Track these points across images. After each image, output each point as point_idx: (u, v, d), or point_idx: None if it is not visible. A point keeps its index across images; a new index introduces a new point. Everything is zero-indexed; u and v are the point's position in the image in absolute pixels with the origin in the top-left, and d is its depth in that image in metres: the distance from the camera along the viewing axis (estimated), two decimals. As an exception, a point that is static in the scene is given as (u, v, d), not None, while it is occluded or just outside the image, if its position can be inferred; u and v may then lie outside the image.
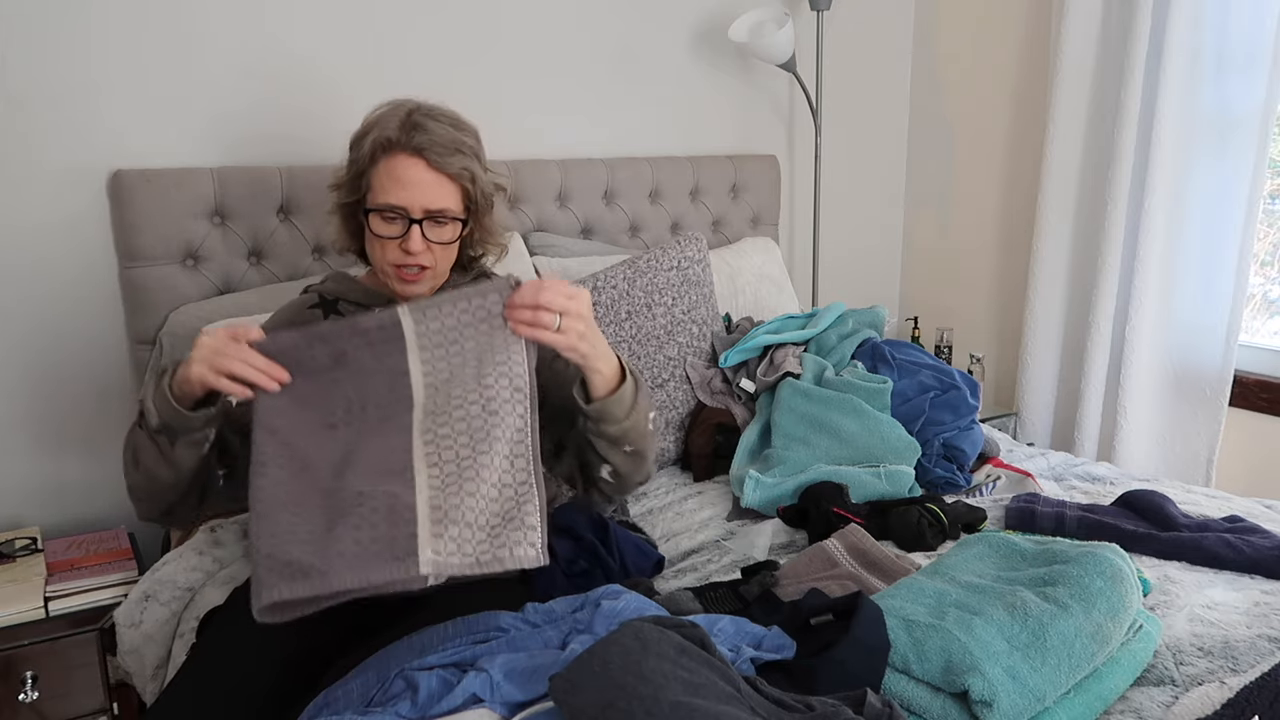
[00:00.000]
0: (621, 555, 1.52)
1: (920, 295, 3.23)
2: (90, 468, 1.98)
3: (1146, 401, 2.52)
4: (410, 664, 1.06)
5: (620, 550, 1.52)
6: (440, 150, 1.39)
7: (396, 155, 1.39)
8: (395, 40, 2.18)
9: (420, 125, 1.40)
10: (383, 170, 1.39)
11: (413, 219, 1.39)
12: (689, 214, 2.63)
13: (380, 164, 1.40)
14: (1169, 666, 1.23)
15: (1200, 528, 1.62)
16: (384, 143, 1.39)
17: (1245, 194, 2.31)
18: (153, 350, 1.92)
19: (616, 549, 1.51)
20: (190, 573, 1.64)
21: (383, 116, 1.42)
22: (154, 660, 1.60)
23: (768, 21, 2.56)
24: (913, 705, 1.11)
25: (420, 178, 1.39)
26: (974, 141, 2.99)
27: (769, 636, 1.13)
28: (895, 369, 2.04)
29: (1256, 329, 2.53)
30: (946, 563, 1.34)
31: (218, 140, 2.01)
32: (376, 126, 1.41)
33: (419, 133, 1.39)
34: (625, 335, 2.03)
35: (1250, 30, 2.25)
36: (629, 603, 1.15)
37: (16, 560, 1.78)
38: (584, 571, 1.47)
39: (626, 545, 1.54)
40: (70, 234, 1.89)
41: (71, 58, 1.85)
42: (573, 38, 2.44)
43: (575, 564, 1.48)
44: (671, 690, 0.89)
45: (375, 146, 1.39)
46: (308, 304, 1.51)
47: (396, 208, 1.39)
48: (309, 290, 1.55)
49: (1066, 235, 2.64)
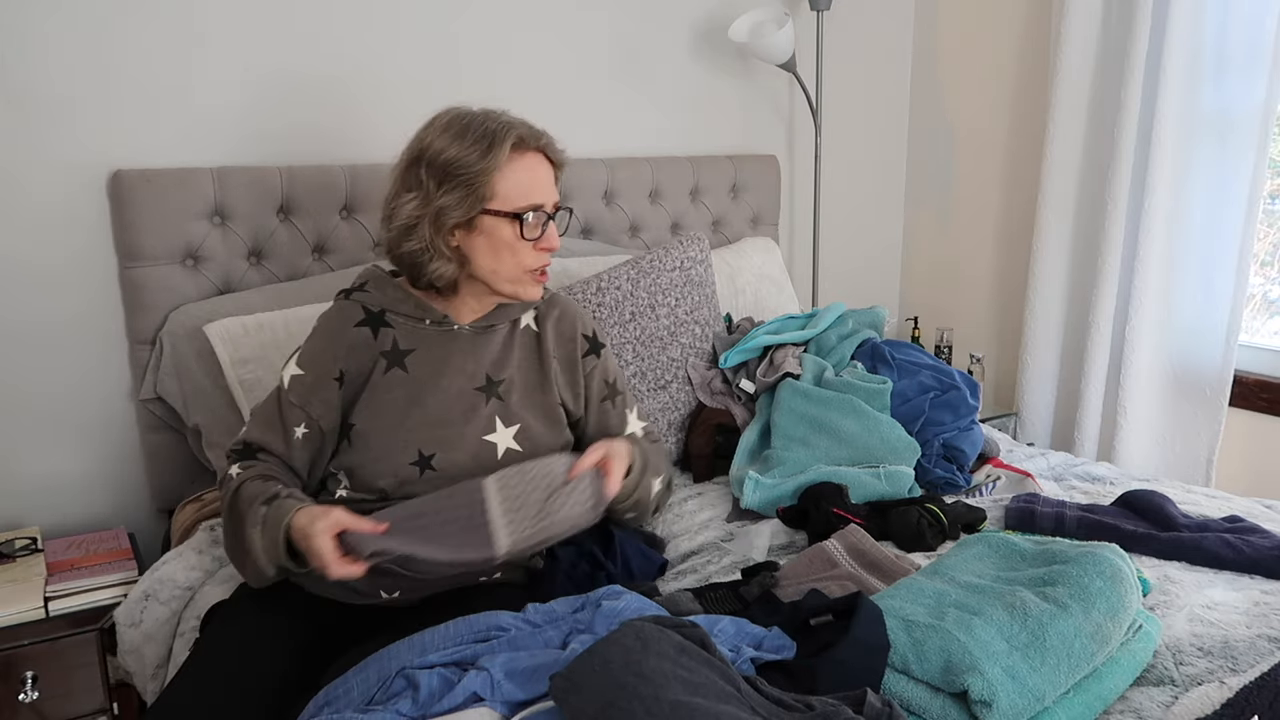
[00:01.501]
0: (626, 560, 1.51)
1: (920, 295, 3.23)
2: (90, 468, 1.98)
3: (1146, 401, 2.52)
4: (411, 663, 1.07)
5: (624, 555, 1.52)
6: (555, 144, 1.44)
7: (528, 154, 1.40)
8: (395, 40, 2.18)
9: (526, 121, 1.41)
10: (520, 170, 1.38)
11: (549, 215, 1.42)
12: (689, 214, 2.63)
13: (515, 164, 1.38)
14: (1169, 666, 1.23)
15: (1200, 528, 1.62)
16: (518, 142, 1.38)
17: (1245, 194, 2.31)
18: (152, 350, 1.92)
19: (619, 554, 1.51)
20: (190, 571, 1.64)
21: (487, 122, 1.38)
22: (154, 660, 1.60)
23: (768, 21, 2.56)
24: (912, 705, 1.11)
25: (548, 174, 1.43)
26: (974, 141, 2.99)
27: (769, 637, 1.13)
28: (895, 369, 2.04)
29: (1256, 329, 2.53)
30: (946, 563, 1.34)
31: (218, 140, 2.01)
32: (498, 132, 1.37)
33: (531, 129, 1.40)
34: (629, 337, 2.03)
35: (1250, 30, 2.25)
36: (629, 603, 1.15)
37: (16, 560, 1.78)
38: (586, 575, 1.47)
39: (630, 550, 1.53)
40: (70, 234, 1.89)
41: (71, 58, 1.85)
42: (573, 38, 2.44)
43: (577, 568, 1.48)
44: (671, 690, 0.89)
45: (507, 149, 1.36)
46: (353, 320, 1.45)
47: (539, 206, 1.40)
48: (350, 297, 1.47)
49: (1066, 235, 2.64)
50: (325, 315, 1.47)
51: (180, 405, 1.91)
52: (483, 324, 1.48)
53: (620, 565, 1.50)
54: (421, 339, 1.45)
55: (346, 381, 1.43)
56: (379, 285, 1.47)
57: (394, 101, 2.19)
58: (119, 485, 2.01)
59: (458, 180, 1.36)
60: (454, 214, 1.37)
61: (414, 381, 1.43)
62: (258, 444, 1.41)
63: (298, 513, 1.25)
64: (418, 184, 1.39)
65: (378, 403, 1.42)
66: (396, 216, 1.40)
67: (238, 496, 1.34)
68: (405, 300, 1.45)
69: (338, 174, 2.08)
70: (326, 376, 1.42)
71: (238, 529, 1.32)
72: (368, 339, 1.43)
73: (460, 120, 1.39)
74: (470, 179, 1.36)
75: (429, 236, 1.38)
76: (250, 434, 1.42)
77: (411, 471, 1.39)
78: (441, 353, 1.45)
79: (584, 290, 2.02)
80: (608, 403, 1.56)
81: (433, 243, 1.38)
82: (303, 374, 1.42)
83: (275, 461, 1.40)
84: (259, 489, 1.33)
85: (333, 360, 1.42)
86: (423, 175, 1.38)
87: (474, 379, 1.45)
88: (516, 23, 2.35)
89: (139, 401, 1.96)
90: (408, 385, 1.42)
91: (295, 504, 1.28)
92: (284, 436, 1.40)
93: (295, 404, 1.41)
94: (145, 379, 1.92)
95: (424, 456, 1.40)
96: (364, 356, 1.43)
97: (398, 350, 1.44)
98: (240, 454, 1.41)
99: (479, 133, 1.37)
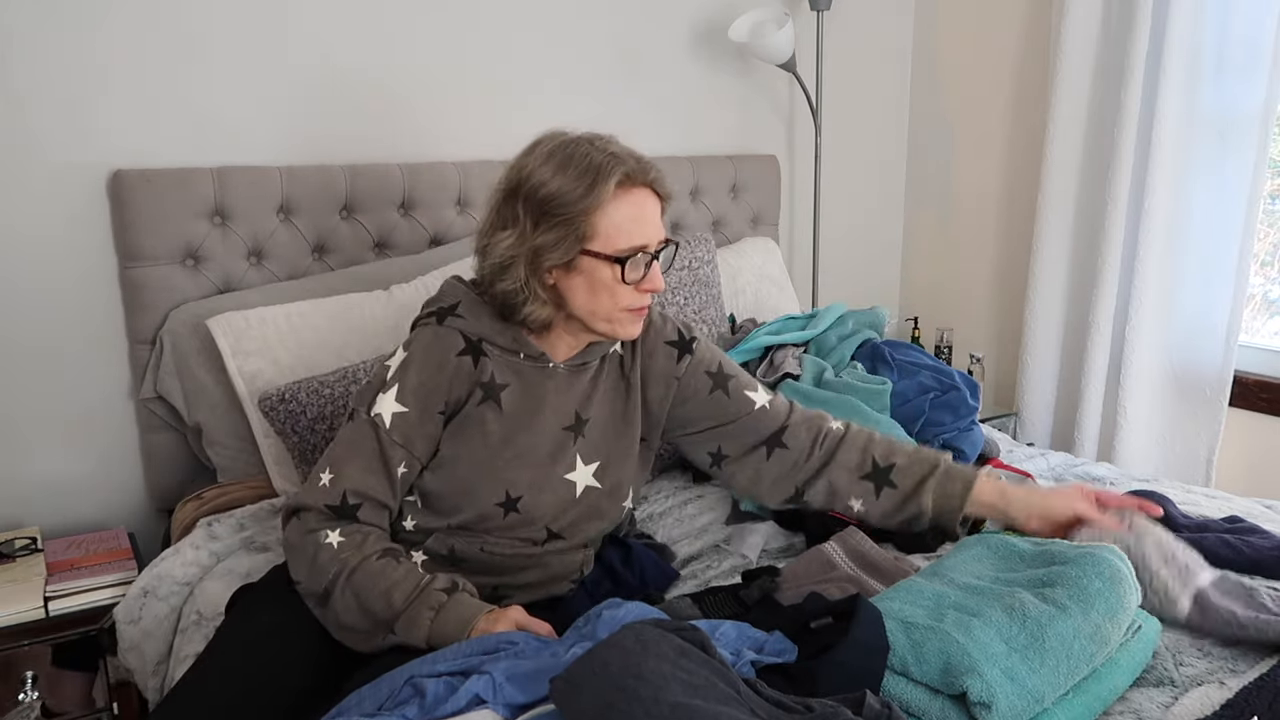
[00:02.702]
0: (643, 571, 1.51)
1: (920, 295, 3.23)
2: (90, 467, 1.98)
3: (1146, 401, 2.52)
4: (420, 671, 1.07)
5: (642, 567, 1.52)
6: (663, 177, 1.33)
7: (635, 190, 1.30)
8: (395, 40, 2.18)
9: (633, 153, 1.31)
10: (624, 209, 1.28)
11: (652, 254, 1.31)
12: (689, 214, 2.63)
13: (619, 202, 1.28)
14: (1168, 667, 1.23)
15: (1200, 528, 1.62)
16: (623, 179, 1.27)
17: (1245, 194, 2.30)
18: (152, 350, 1.92)
19: (637, 567, 1.51)
20: (188, 567, 1.64)
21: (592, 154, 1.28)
22: (154, 656, 1.60)
23: (768, 21, 2.56)
24: (911, 707, 1.11)
25: (655, 210, 1.33)
26: (974, 141, 2.99)
27: (771, 641, 1.13)
28: (895, 370, 2.04)
29: (1256, 329, 2.53)
30: (945, 564, 1.34)
31: (218, 140, 2.01)
32: (604, 165, 1.26)
33: (640, 162, 1.30)
34: (632, 335, 2.03)
35: (1250, 30, 2.25)
36: (630, 611, 1.15)
37: (16, 560, 1.78)
38: (609, 593, 1.45)
39: (646, 562, 1.53)
40: (70, 234, 1.89)
41: (71, 58, 1.85)
42: (573, 38, 2.44)
43: (600, 585, 1.47)
44: (671, 691, 0.89)
45: (612, 186, 1.26)
46: (455, 348, 1.34)
47: (643, 248, 1.29)
48: (444, 322, 1.35)
49: (1066, 235, 2.64)
50: (423, 344, 1.35)
51: (181, 404, 1.91)
52: (576, 361, 1.41)
53: (638, 578, 1.50)
54: (516, 374, 1.37)
55: (449, 413, 1.35)
56: (473, 312, 1.37)
57: (395, 101, 2.19)
58: (119, 485, 2.01)
59: (557, 219, 1.27)
60: (552, 255, 1.28)
61: (508, 419, 1.36)
62: (359, 494, 1.29)
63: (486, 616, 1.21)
64: (514, 219, 1.30)
65: (470, 435, 1.34)
66: (491, 253, 1.31)
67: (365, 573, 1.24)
68: (502, 333, 1.36)
69: (338, 174, 2.08)
70: (432, 410, 1.33)
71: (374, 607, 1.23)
72: (469, 368, 1.34)
73: (564, 149, 1.29)
74: (571, 218, 1.26)
75: (524, 277, 1.29)
76: (349, 481, 1.29)
77: (496, 512, 1.34)
78: (537, 391, 1.38)
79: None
80: (719, 392, 1.48)
81: (528, 284, 1.30)
82: (407, 411, 1.31)
83: (378, 516, 1.32)
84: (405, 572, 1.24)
85: (438, 393, 1.33)
86: (520, 210, 1.29)
87: (565, 418, 1.39)
88: (518, 24, 2.34)
89: (139, 401, 1.96)
90: (502, 422, 1.35)
91: (478, 604, 1.24)
92: (389, 481, 1.31)
93: (399, 443, 1.31)
94: (145, 378, 1.92)
95: (511, 499, 1.35)
96: (464, 386, 1.35)
97: (494, 384, 1.35)
98: (339, 512, 1.28)
99: (583, 166, 1.27)
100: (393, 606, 1.22)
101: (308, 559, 1.26)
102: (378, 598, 1.22)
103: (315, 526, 1.28)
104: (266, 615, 1.31)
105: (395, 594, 1.22)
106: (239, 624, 1.32)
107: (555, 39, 2.41)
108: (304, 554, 1.27)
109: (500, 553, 1.37)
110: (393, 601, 1.22)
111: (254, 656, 1.25)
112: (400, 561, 1.28)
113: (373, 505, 1.31)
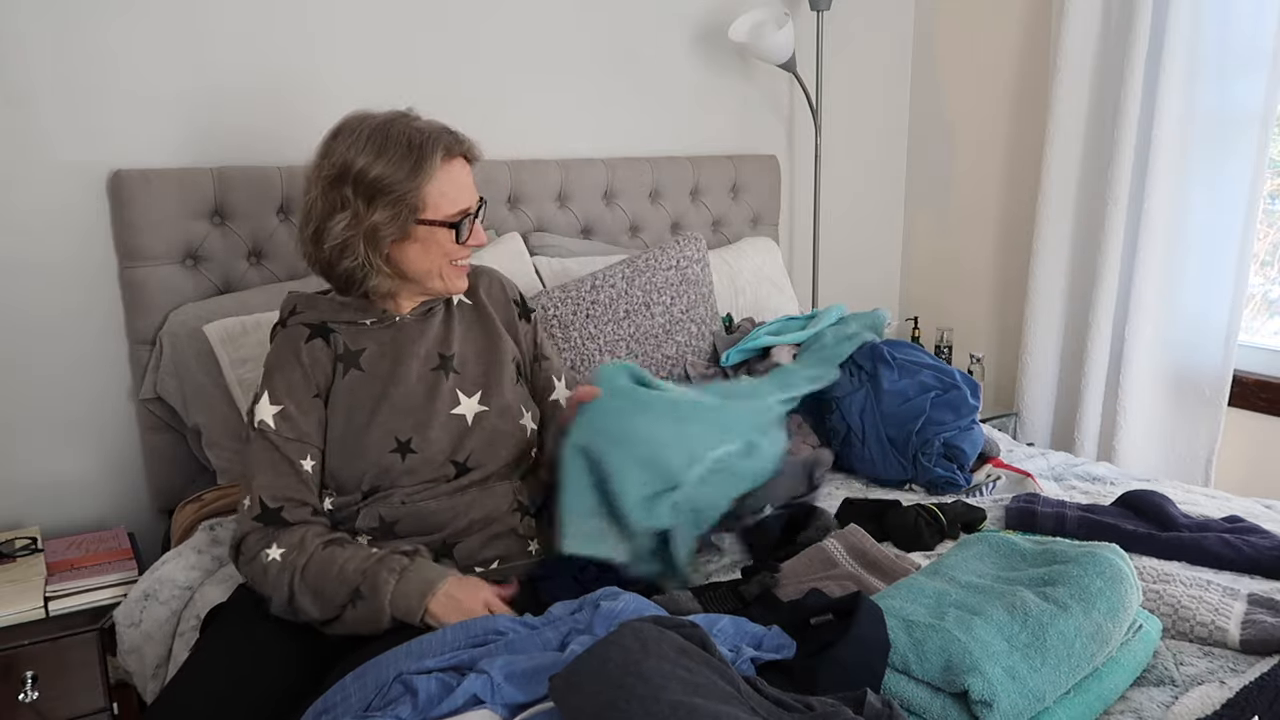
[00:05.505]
0: None
1: (920, 295, 3.23)
2: (90, 468, 1.98)
3: (1146, 401, 2.52)
4: (408, 669, 1.07)
5: None
6: (473, 144, 1.47)
7: (453, 161, 1.43)
8: (396, 40, 2.18)
9: (443, 126, 1.44)
10: (447, 178, 1.41)
11: (473, 215, 1.46)
12: (689, 214, 2.63)
13: (442, 174, 1.40)
14: (1169, 666, 1.23)
15: (1200, 528, 1.62)
16: (445, 153, 1.40)
17: (1245, 194, 2.31)
18: (152, 350, 1.92)
19: None
20: (189, 571, 1.64)
21: (407, 133, 1.39)
22: (154, 659, 1.60)
23: (768, 21, 2.56)
24: (912, 705, 1.11)
25: (469, 175, 1.47)
26: (974, 141, 2.99)
27: (769, 636, 1.13)
28: (896, 369, 2.04)
29: (1256, 329, 2.53)
30: (946, 563, 1.34)
31: (218, 140, 2.01)
32: (424, 145, 1.38)
33: (452, 133, 1.43)
34: (624, 334, 2.04)
35: (1250, 30, 2.25)
36: (628, 603, 1.15)
37: (16, 560, 1.77)
38: (595, 579, 1.45)
39: None
40: (70, 234, 1.89)
41: (72, 58, 1.85)
42: (573, 38, 2.44)
43: (586, 570, 1.47)
44: (671, 690, 0.89)
45: (437, 161, 1.39)
46: (302, 337, 1.44)
47: (468, 211, 1.44)
48: (286, 325, 1.46)
49: (1066, 235, 2.64)
50: (274, 349, 1.46)
51: (180, 405, 1.91)
52: (420, 310, 1.52)
53: None
54: (369, 337, 1.47)
55: (324, 395, 1.44)
56: (309, 305, 1.48)
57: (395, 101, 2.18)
58: (119, 485, 2.01)
59: (389, 196, 1.37)
60: (389, 229, 1.39)
61: (374, 378, 1.45)
62: (276, 498, 1.35)
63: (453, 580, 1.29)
64: (344, 202, 1.38)
65: (345, 406, 1.43)
66: (327, 237, 1.39)
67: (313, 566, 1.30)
68: (342, 309, 1.47)
69: (338, 174, 2.08)
70: (307, 398, 1.42)
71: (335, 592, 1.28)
72: (322, 348, 1.44)
73: (380, 132, 1.39)
74: (403, 195, 1.38)
75: (364, 253, 1.39)
76: (262, 490, 1.35)
77: (393, 460, 1.41)
78: (393, 345, 1.47)
79: (578, 288, 2.02)
80: (538, 364, 1.63)
81: (369, 259, 1.40)
82: (284, 407, 1.40)
83: (303, 513, 1.37)
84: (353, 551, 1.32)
85: (306, 382, 1.42)
86: (349, 194, 1.38)
87: (428, 360, 1.48)
88: (518, 24, 2.34)
89: (139, 401, 1.96)
90: (369, 383, 1.44)
91: (440, 568, 1.32)
92: (298, 478, 1.37)
93: (291, 438, 1.38)
94: (145, 379, 1.92)
95: (401, 443, 1.42)
96: (324, 365, 1.44)
97: (350, 352, 1.45)
98: (266, 519, 1.34)
99: (403, 146, 1.37)
100: (348, 582, 1.28)
101: (266, 581, 1.32)
102: (332, 581, 1.29)
103: (256, 550, 1.33)
104: (242, 625, 1.35)
105: (348, 568, 1.29)
106: (215, 637, 1.34)
107: (555, 39, 2.41)
108: (261, 578, 1.32)
109: (423, 504, 1.42)
110: (347, 577, 1.28)
111: (236, 661, 1.28)
112: (345, 546, 1.33)
113: (294, 504, 1.36)
